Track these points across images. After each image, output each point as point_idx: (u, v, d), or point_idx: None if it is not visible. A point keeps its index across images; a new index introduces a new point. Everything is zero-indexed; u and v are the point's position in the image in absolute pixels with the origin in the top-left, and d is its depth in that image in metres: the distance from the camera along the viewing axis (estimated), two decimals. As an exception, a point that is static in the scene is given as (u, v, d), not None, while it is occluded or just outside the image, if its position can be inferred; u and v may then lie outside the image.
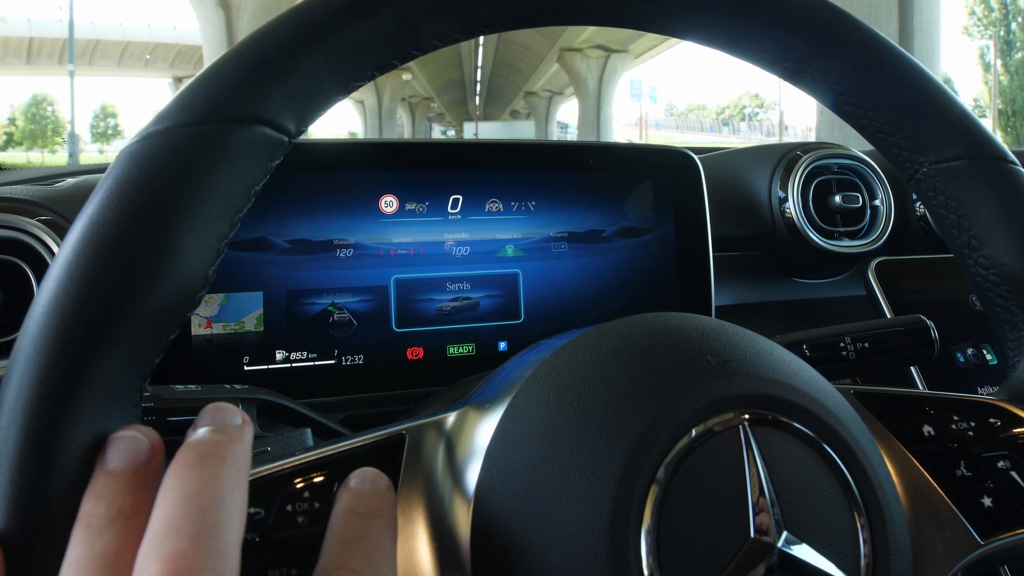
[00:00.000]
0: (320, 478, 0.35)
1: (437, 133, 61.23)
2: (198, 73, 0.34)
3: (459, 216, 0.78)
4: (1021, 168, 0.46)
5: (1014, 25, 28.07)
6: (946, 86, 0.46)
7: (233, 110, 0.33)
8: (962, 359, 0.89)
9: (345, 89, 0.36)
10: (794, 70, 0.45)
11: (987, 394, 0.47)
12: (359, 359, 0.75)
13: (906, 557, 0.35)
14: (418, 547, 0.36)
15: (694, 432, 0.33)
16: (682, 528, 0.31)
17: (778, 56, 0.44)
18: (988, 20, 28.74)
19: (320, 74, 0.35)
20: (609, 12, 0.42)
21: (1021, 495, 0.42)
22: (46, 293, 0.30)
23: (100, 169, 0.96)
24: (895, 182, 1.06)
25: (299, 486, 0.34)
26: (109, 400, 0.29)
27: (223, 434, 0.30)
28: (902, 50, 0.45)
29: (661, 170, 0.86)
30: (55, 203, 0.68)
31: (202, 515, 0.26)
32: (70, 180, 0.76)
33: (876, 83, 0.44)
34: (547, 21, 0.41)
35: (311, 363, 0.73)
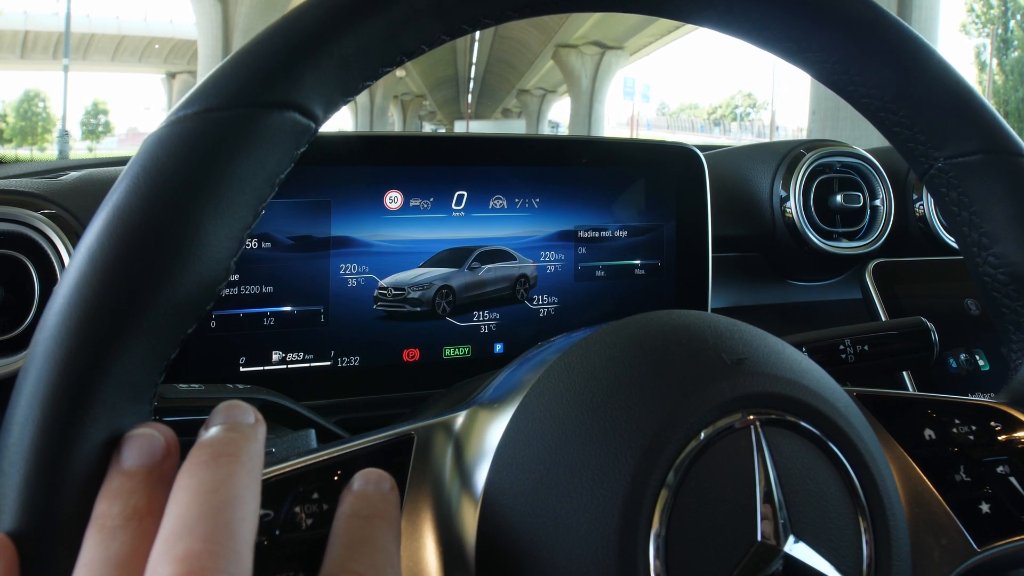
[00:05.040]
0: (329, 479, 0.35)
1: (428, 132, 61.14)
2: (229, 55, 0.33)
3: (463, 213, 0.77)
4: None
5: (1012, 23, 27.99)
6: (967, 79, 0.45)
7: (265, 94, 0.32)
8: (954, 365, 0.90)
9: (374, 75, 0.36)
10: (815, 60, 0.44)
11: (989, 397, 0.48)
12: (355, 360, 0.74)
13: (907, 562, 0.35)
14: (424, 548, 0.36)
15: (703, 435, 0.33)
16: (690, 531, 0.31)
17: (801, 46, 0.44)
18: (987, 18, 28.64)
19: (351, 59, 0.34)
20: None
21: (1019, 501, 0.42)
22: (68, 281, 0.29)
23: (105, 163, 0.95)
24: (896, 182, 1.06)
25: (309, 487, 0.34)
26: (126, 395, 0.29)
27: (237, 432, 0.29)
28: (925, 40, 0.44)
29: (665, 167, 0.85)
30: (59, 196, 0.67)
31: (216, 514, 0.26)
32: (73, 173, 0.75)
33: (897, 75, 0.44)
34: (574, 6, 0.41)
35: (307, 364, 0.73)
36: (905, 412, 0.45)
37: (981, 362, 0.90)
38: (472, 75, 53.98)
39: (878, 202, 1.03)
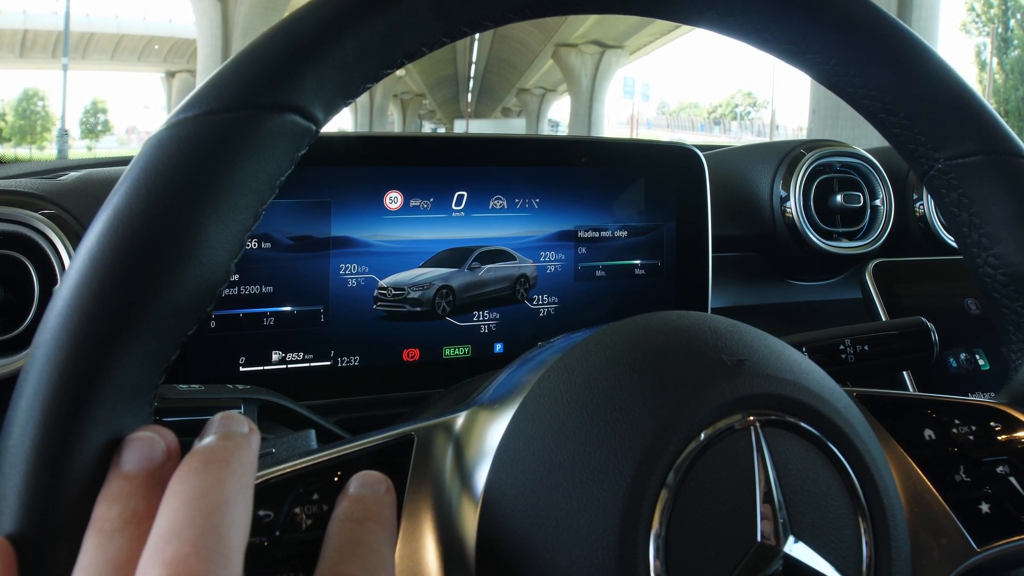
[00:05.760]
0: (330, 480, 0.35)
1: (428, 131, 61.22)
2: (230, 58, 0.33)
3: (463, 213, 0.77)
4: None
5: (1013, 22, 27.89)
6: (967, 80, 0.45)
7: (265, 97, 0.32)
8: (955, 364, 0.90)
9: (374, 77, 0.36)
10: (815, 62, 0.44)
11: (989, 397, 0.48)
12: (355, 360, 0.74)
13: (906, 562, 0.35)
14: (424, 548, 0.36)
15: (703, 436, 0.33)
16: (690, 531, 0.31)
17: (800, 48, 0.44)
18: (987, 16, 28.55)
19: (352, 61, 0.34)
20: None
21: (1019, 501, 0.42)
22: (68, 284, 0.29)
23: (105, 163, 0.95)
24: (896, 182, 1.06)
25: (309, 488, 0.34)
26: (127, 397, 0.29)
27: (229, 440, 0.30)
28: (924, 41, 0.44)
29: (665, 167, 0.85)
30: (59, 196, 0.67)
31: (205, 519, 0.26)
32: (73, 173, 0.75)
33: (897, 77, 0.44)
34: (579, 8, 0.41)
35: (307, 364, 0.73)
36: (905, 412, 0.45)
37: (981, 362, 0.90)
38: (472, 74, 54.00)
39: (878, 202, 1.03)
